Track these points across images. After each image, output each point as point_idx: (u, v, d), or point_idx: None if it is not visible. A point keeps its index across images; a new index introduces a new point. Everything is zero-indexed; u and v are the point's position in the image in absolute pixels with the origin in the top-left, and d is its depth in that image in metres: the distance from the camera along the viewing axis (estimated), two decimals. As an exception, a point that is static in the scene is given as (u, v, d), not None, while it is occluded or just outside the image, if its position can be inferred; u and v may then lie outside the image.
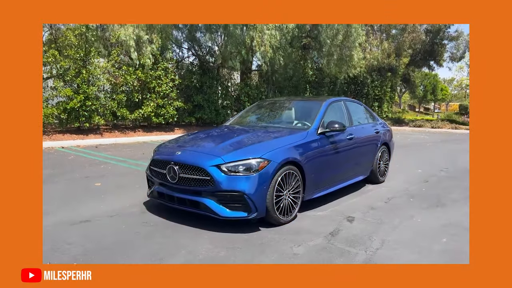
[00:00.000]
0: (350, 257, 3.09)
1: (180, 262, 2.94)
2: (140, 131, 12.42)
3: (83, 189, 5.34)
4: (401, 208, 4.61)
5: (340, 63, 15.58)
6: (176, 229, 3.72)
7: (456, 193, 5.50)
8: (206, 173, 3.59)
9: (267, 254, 3.12)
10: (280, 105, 5.69)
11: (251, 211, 3.56)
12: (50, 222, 3.84)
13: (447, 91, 42.89)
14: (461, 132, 18.65)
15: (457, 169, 7.63)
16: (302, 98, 6.70)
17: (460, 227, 3.93)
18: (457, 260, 3.09)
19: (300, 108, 5.34)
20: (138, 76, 11.75)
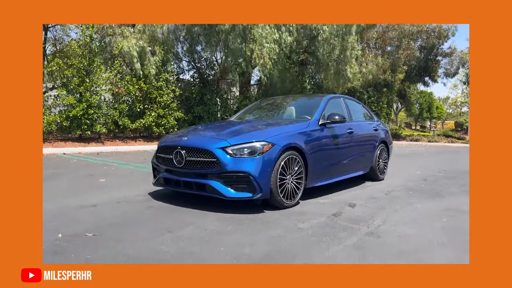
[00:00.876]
0: (353, 231, 3.17)
1: (187, 234, 3.02)
2: (140, 140, 12.55)
3: (87, 184, 5.42)
4: (401, 198, 4.72)
5: (337, 77, 15.92)
6: (182, 211, 3.80)
7: (454, 188, 5.62)
8: (212, 155, 3.71)
9: (272, 229, 3.20)
10: (281, 102, 5.87)
11: (255, 192, 3.66)
12: (58, 206, 3.91)
13: (442, 109, 43.51)
14: (458, 145, 18.88)
15: (455, 170, 7.77)
16: (302, 95, 6.88)
17: (459, 210, 4.04)
18: (456, 233, 3.18)
19: (301, 104, 5.51)
20: (141, 87, 11.97)
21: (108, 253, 2.59)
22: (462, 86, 27.00)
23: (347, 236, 3.03)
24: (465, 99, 35.91)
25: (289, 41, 14.14)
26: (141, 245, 2.76)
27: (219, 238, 2.93)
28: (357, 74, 15.40)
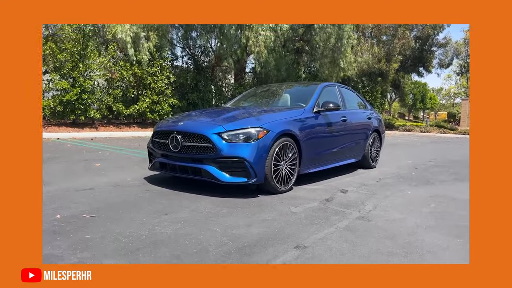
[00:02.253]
0: (345, 215, 3.28)
1: (183, 216, 3.10)
2: (134, 126, 12.53)
3: (83, 168, 5.46)
4: (392, 185, 4.83)
5: (332, 66, 15.94)
6: (177, 194, 3.87)
7: (443, 176, 5.76)
8: (208, 141, 3.76)
9: (266, 212, 3.29)
10: (276, 90, 5.91)
11: (250, 177, 3.74)
12: (54, 189, 3.96)
13: (435, 100, 43.83)
14: (450, 136, 19.11)
15: (445, 160, 7.92)
16: (297, 83, 6.92)
17: (447, 197, 4.16)
18: (443, 218, 3.30)
19: (296, 92, 5.57)
20: (134, 72, 11.90)
21: (106, 234, 2.65)
22: (456, 77, 27.17)
23: (339, 220, 3.13)
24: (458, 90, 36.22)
25: (285, 28, 14.10)
26: (138, 226, 2.82)
27: (215, 220, 3.01)
28: (353, 64, 15.45)
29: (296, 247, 2.49)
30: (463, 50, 21.44)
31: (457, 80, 33.45)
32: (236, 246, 2.47)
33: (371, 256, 2.43)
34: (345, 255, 2.41)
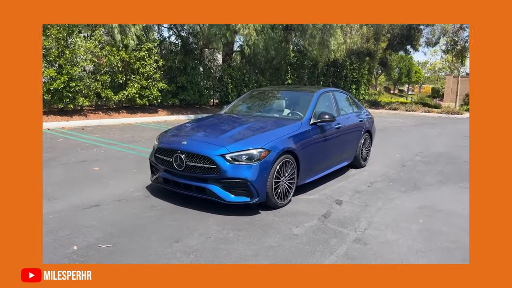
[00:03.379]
0: (343, 237, 3.54)
1: (195, 243, 3.30)
2: (124, 112, 12.43)
3: (82, 173, 5.54)
4: (383, 192, 5.12)
5: (321, 47, 15.87)
6: (182, 212, 4.05)
7: (429, 177, 6.09)
8: (212, 162, 3.91)
9: (270, 235, 3.52)
10: (272, 95, 6.02)
11: (253, 196, 3.94)
12: (60, 207, 4.08)
13: (421, 73, 44.32)
14: (434, 115, 19.62)
15: (431, 153, 8.28)
16: (293, 88, 7.03)
17: (433, 209, 4.47)
18: (431, 238, 3.60)
19: (292, 99, 5.69)
20: (122, 57, 11.67)
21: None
22: (442, 54, 27.53)
23: (338, 244, 3.39)
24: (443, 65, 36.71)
25: (274, 10, 13.85)
26: (154, 258, 3.01)
27: (224, 248, 3.22)
28: (342, 45, 15.43)
29: (302, 282, 2.73)
30: (450, 29, 21.55)
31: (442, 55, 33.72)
32: (248, 283, 2.69)
33: None
34: None
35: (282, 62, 18.38)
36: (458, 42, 24.47)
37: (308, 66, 20.38)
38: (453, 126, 14.72)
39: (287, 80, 19.22)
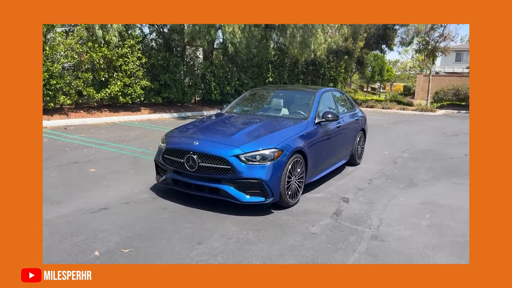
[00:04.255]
0: (360, 235, 3.63)
1: (218, 245, 3.28)
2: (106, 111, 12.07)
3: (80, 176, 5.36)
4: (383, 188, 5.27)
5: (303, 47, 16.02)
6: (196, 214, 4.00)
7: (422, 173, 6.31)
8: (226, 163, 3.89)
9: (289, 235, 3.55)
10: (274, 95, 6.04)
11: (268, 196, 3.95)
12: (67, 211, 3.93)
13: (392, 72, 45.69)
14: (409, 113, 20.31)
15: (417, 150, 8.58)
16: (293, 88, 7.09)
17: (435, 204, 4.65)
18: (442, 233, 3.75)
19: (294, 98, 5.74)
20: (104, 54, 11.31)
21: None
22: (414, 53, 28.73)
23: (357, 241, 3.47)
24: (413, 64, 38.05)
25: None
26: (181, 260, 2.97)
27: (248, 249, 3.22)
28: (323, 44, 15.65)
29: (334, 280, 2.78)
30: (423, 29, 22.33)
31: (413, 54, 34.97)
32: (282, 283, 2.71)
33: (400, 286, 2.77)
34: None
35: (263, 60, 18.41)
36: (430, 42, 25.41)
37: (288, 64, 20.54)
38: (429, 123, 15.29)
39: (268, 78, 19.28)
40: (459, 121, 17.15)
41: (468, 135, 11.87)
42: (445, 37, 25.43)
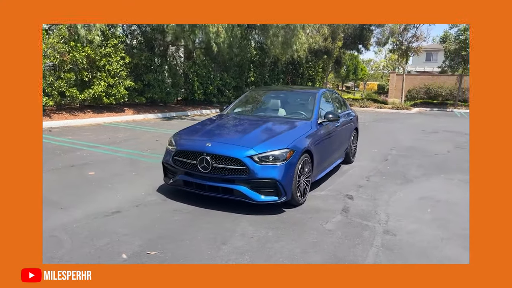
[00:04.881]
0: (372, 230, 3.80)
1: (241, 244, 3.35)
2: (89, 112, 11.78)
3: (81, 179, 5.27)
4: (382, 185, 5.50)
5: (286, 47, 16.22)
6: (210, 215, 4.05)
7: (413, 169, 6.61)
8: (241, 163, 3.97)
9: (307, 232, 3.68)
10: (274, 95, 6.14)
11: (281, 196, 4.06)
12: (78, 216, 3.89)
13: (365, 71, 46.85)
14: (386, 111, 20.99)
15: (403, 148, 8.93)
16: (291, 88, 7.23)
17: (432, 199, 4.92)
18: (445, 225, 3.99)
19: (295, 99, 5.89)
20: (87, 53, 11.04)
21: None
22: (387, 53, 29.85)
23: (371, 236, 3.64)
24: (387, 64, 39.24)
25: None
26: (211, 260, 3.03)
27: (272, 247, 3.32)
28: (305, 44, 15.91)
29: (360, 274, 2.93)
30: (397, 30, 23.10)
31: (386, 54, 36.09)
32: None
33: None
34: (401, 278, 2.91)
35: (244, 59, 18.49)
36: (403, 42, 26.29)
37: (269, 64, 20.72)
38: (408, 121, 15.89)
39: (250, 77, 19.38)
40: (434, 118, 17.92)
41: (446, 132, 12.49)
42: (418, 37, 26.47)
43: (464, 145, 9.77)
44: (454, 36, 23.97)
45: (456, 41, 23.79)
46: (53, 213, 3.93)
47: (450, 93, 27.03)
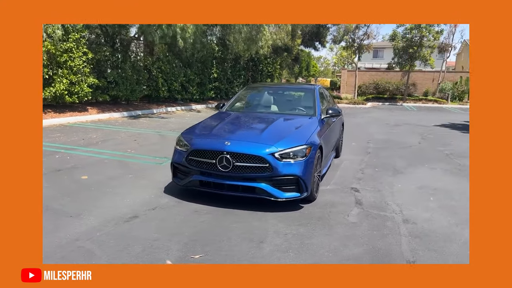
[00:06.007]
0: (392, 220, 3.98)
1: (280, 241, 3.35)
2: (50, 111, 10.94)
3: (75, 184, 4.92)
4: (378, 177, 5.76)
5: (249, 43, 16.23)
6: (233, 214, 3.99)
7: (398, 161, 6.99)
8: (263, 161, 3.95)
9: (335, 226, 3.76)
10: (273, 92, 6.15)
11: (303, 192, 4.11)
12: (96, 222, 3.65)
13: (316, 67, 48.37)
14: (343, 106, 21.85)
15: (377, 140, 9.40)
16: (286, 85, 7.29)
17: (430, 187, 5.25)
18: (453, 211, 4.29)
19: (295, 96, 5.96)
20: (47, 49, 10.23)
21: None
22: (338, 50, 31.32)
23: (395, 226, 3.81)
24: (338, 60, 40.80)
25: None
26: (260, 259, 3.00)
27: (310, 243, 3.36)
28: (269, 41, 16.04)
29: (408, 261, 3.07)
30: (351, 28, 24.11)
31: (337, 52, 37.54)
32: (363, 270, 2.92)
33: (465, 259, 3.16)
34: (448, 260, 3.09)
35: (208, 55, 18.23)
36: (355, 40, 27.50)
37: (230, 60, 20.61)
38: (368, 115, 16.71)
39: (212, 74, 19.15)
40: (389, 112, 19.02)
41: (406, 125, 13.31)
42: (368, 35, 27.86)
43: (428, 136, 10.51)
44: (402, 34, 25.58)
45: (404, 39, 25.41)
46: (64, 222, 3.65)
47: (396, 88, 28.82)
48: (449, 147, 8.69)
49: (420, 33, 24.36)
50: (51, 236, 3.29)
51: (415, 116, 17.43)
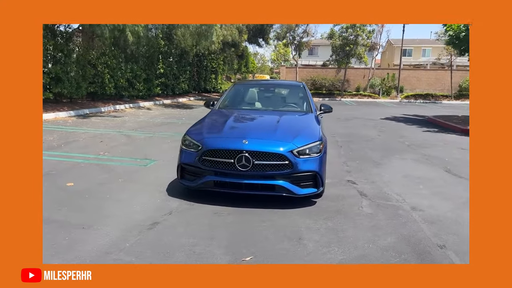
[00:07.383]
0: (402, 208, 4.24)
1: (318, 237, 3.40)
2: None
3: (64, 192, 4.48)
4: (364, 169, 6.07)
5: (199, 38, 15.89)
6: (255, 213, 3.94)
7: (371, 152, 7.46)
8: (284, 158, 3.95)
9: (356, 219, 3.89)
10: (264, 89, 6.14)
11: (319, 187, 4.19)
12: (116, 232, 3.37)
13: (254, 63, 48.98)
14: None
15: (341, 134, 9.87)
16: (274, 82, 7.28)
17: (413, 176, 5.69)
18: (447, 198, 4.71)
19: (287, 93, 6.03)
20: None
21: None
22: (276, 47, 32.28)
23: (407, 214, 4.08)
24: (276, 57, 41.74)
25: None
26: (312, 258, 3.02)
27: (345, 236, 3.45)
28: (220, 37, 15.87)
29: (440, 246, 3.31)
30: (293, 26, 24.86)
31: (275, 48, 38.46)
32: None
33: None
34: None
35: (154, 50, 17.49)
36: (295, 37, 28.42)
37: (176, 55, 20.01)
38: (317, 110, 17.40)
39: (159, 69, 18.41)
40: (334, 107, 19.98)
41: (356, 119, 14.15)
42: (307, 33, 28.99)
43: (383, 129, 11.31)
44: (338, 33, 27.04)
45: (340, 38, 26.90)
46: (79, 235, 3.32)
47: (332, 84, 30.49)
48: (406, 139, 9.46)
49: (356, 32, 25.98)
50: (78, 251, 2.97)
51: (358, 110, 18.59)
